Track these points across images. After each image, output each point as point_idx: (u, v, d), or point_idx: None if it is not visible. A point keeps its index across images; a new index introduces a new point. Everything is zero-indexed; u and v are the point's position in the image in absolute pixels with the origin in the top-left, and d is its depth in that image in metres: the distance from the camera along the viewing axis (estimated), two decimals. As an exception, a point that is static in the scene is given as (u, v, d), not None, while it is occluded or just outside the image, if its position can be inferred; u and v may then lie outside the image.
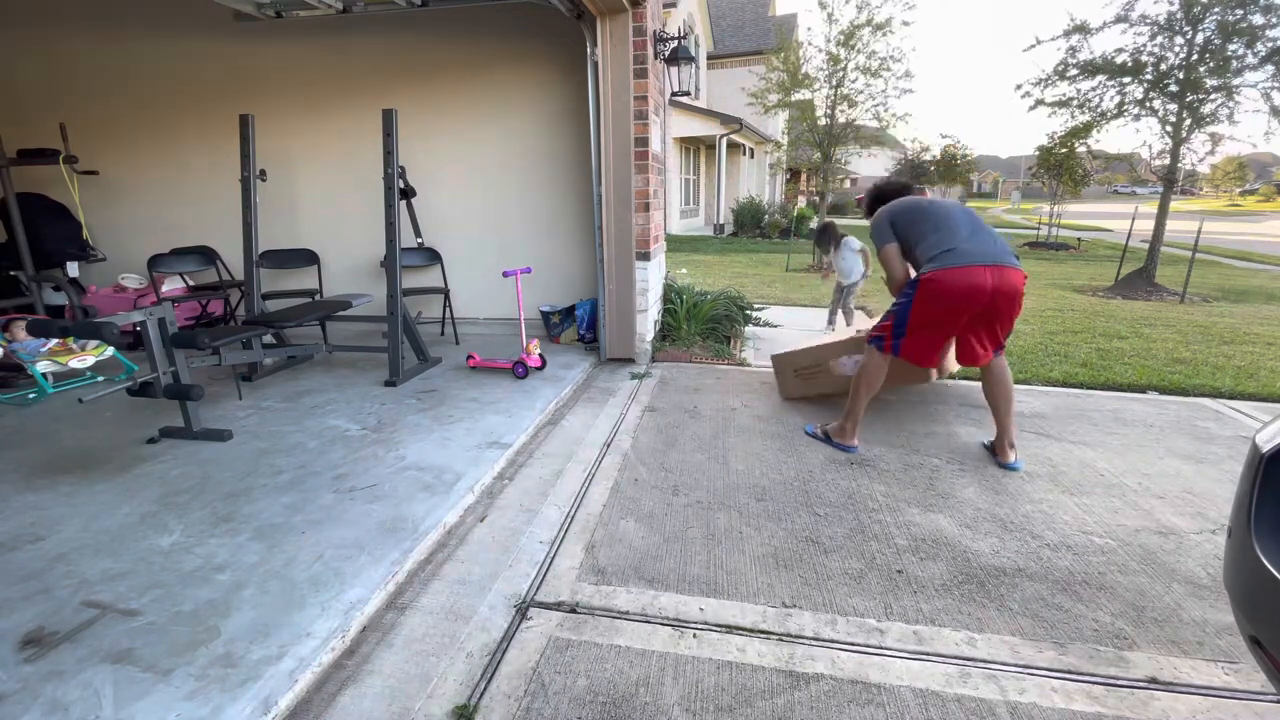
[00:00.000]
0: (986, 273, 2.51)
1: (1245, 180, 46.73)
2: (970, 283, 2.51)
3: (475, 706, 1.48)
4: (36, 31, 5.27)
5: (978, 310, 2.56)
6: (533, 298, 4.94)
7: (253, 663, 1.54)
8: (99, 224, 5.40)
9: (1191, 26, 7.69)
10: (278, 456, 2.75)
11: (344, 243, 5.28)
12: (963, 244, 2.59)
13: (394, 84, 4.89)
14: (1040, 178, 15.43)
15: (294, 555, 1.99)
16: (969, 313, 2.58)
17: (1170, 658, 1.64)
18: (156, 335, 2.81)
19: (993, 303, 2.54)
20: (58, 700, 1.42)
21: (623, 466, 2.78)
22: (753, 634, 1.72)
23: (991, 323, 2.64)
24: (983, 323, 2.64)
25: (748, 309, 5.65)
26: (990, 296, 2.52)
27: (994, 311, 2.58)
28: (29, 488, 2.47)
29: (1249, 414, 3.41)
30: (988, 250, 2.57)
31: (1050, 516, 2.33)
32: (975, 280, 2.51)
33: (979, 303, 2.54)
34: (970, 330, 2.68)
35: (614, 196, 4.08)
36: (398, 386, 3.74)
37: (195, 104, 5.22)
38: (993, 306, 2.56)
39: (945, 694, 1.51)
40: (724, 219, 18.44)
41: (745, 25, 22.47)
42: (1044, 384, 3.94)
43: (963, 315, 2.60)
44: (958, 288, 2.53)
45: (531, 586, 1.93)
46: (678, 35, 4.77)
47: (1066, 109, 8.92)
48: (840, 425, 2.97)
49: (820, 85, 12.14)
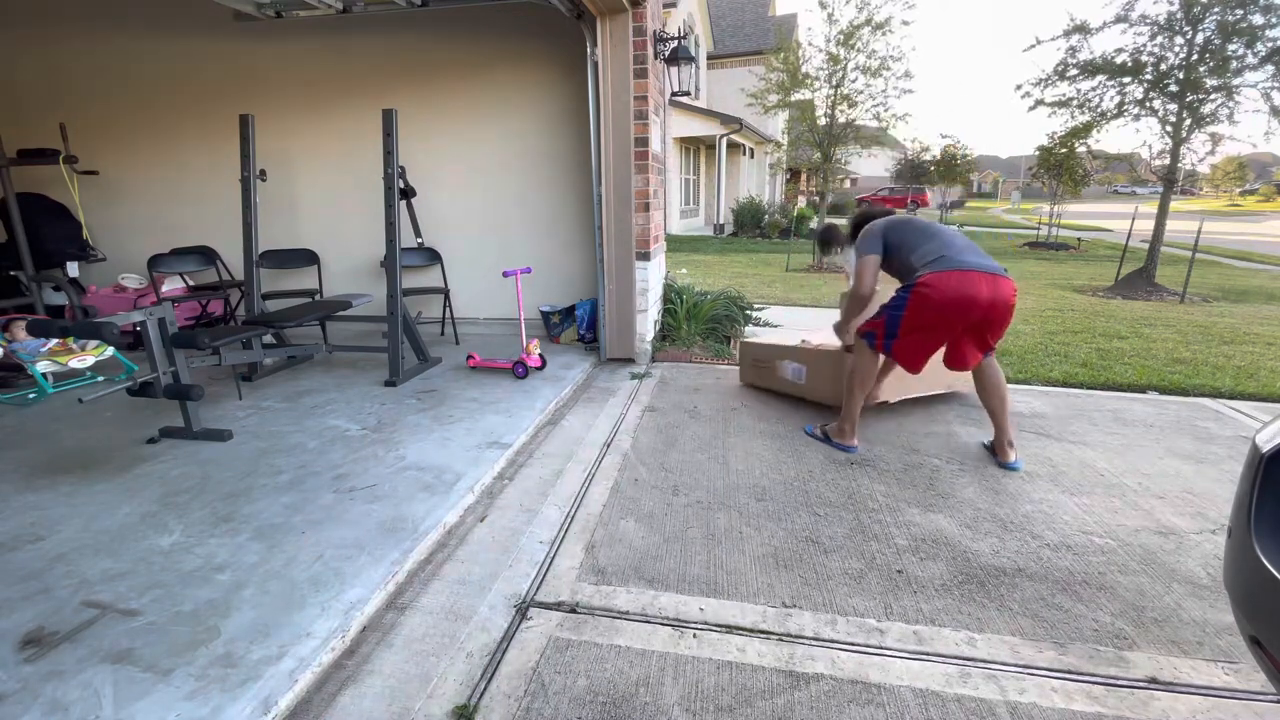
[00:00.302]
0: (983, 282, 2.53)
1: (1245, 180, 46.72)
2: (965, 292, 2.52)
3: (475, 706, 1.48)
4: (36, 31, 5.27)
5: (974, 320, 2.59)
6: (533, 298, 4.94)
7: (253, 663, 1.54)
8: (99, 224, 5.40)
9: (1191, 26, 7.69)
10: (278, 456, 2.75)
11: (344, 243, 5.28)
12: (958, 253, 2.63)
13: (394, 84, 4.89)
14: (1040, 178, 15.44)
15: (294, 555, 1.99)
16: (964, 322, 2.60)
17: (1170, 658, 1.64)
18: (156, 335, 2.81)
19: (988, 314, 2.56)
20: (58, 700, 1.42)
21: (623, 466, 2.78)
22: (753, 634, 1.72)
23: (983, 332, 2.66)
24: (975, 331, 2.66)
25: (748, 309, 5.65)
26: (986, 308, 2.54)
27: (988, 322, 2.61)
28: (29, 488, 2.47)
29: (1249, 414, 3.41)
30: (983, 260, 2.61)
31: (1050, 516, 2.33)
32: (971, 289, 2.52)
33: (975, 313, 2.55)
34: (962, 337, 2.69)
35: (614, 196, 4.08)
36: (398, 386, 3.74)
37: (195, 104, 5.22)
38: (988, 318, 2.58)
39: (945, 694, 1.51)
40: (724, 219, 18.44)
41: (745, 25, 22.48)
42: (1044, 384, 3.95)
43: (958, 324, 2.61)
44: (952, 294, 2.54)
45: (531, 586, 1.93)
46: (678, 35, 4.77)
47: (1066, 109, 8.93)
48: (839, 425, 2.97)
49: (820, 85, 12.15)
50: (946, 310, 2.56)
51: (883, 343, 2.77)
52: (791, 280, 9.06)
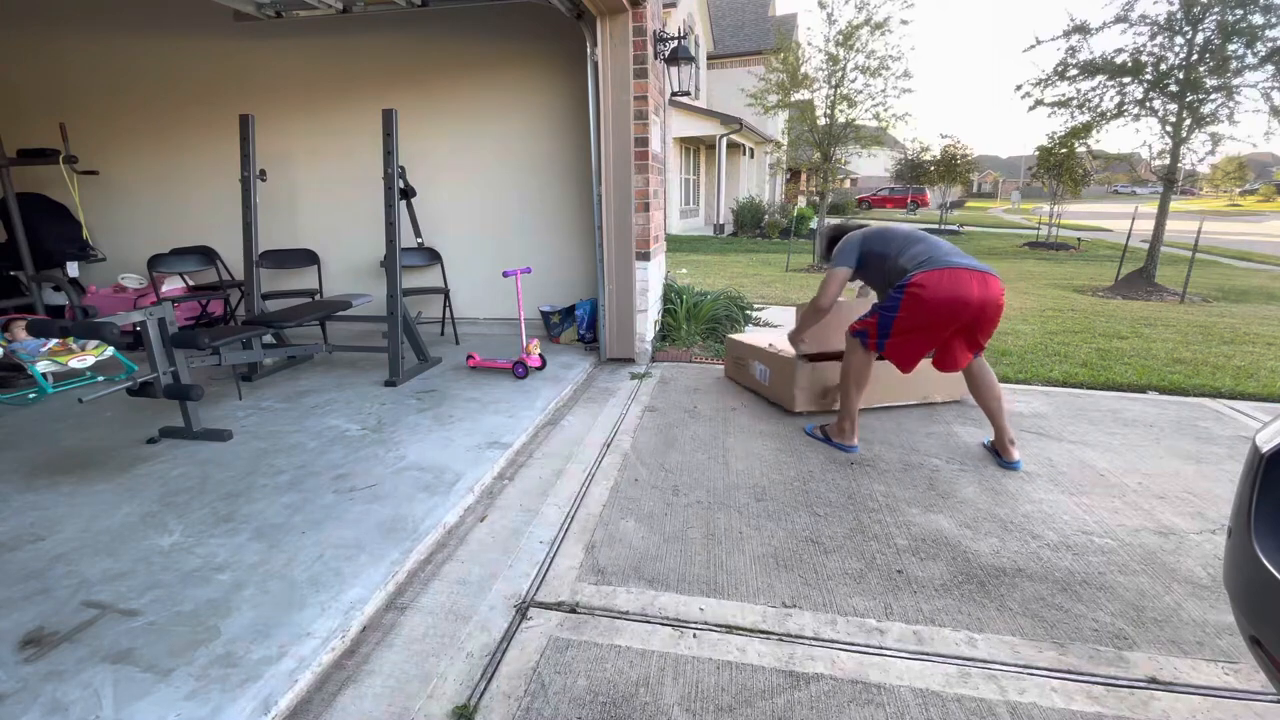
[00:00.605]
0: (974, 281, 2.56)
1: (1245, 180, 46.64)
2: (957, 292, 2.55)
3: (475, 707, 1.48)
4: (36, 31, 5.27)
5: (966, 320, 2.61)
6: (533, 298, 4.94)
7: (253, 663, 1.54)
8: (99, 224, 5.40)
9: (1191, 26, 7.69)
10: (278, 456, 2.75)
11: (344, 243, 5.28)
12: (946, 255, 2.65)
13: (394, 84, 4.90)
14: (1040, 178, 15.43)
15: (294, 555, 1.99)
16: (957, 322, 2.62)
17: (1170, 658, 1.64)
18: (156, 335, 2.81)
19: (979, 314, 2.59)
20: (58, 700, 1.42)
21: (623, 466, 2.78)
22: (753, 634, 1.72)
23: (974, 332, 2.68)
24: (966, 331, 2.68)
25: (747, 309, 5.66)
26: (978, 308, 2.57)
27: (980, 321, 2.63)
28: (29, 488, 2.47)
29: (1249, 414, 3.41)
30: (971, 261, 2.64)
31: (1050, 516, 2.33)
32: (963, 289, 2.55)
33: (967, 313, 2.58)
34: (953, 338, 2.71)
35: (614, 196, 4.08)
36: (398, 386, 3.74)
37: (195, 104, 5.22)
38: (979, 317, 2.61)
39: (945, 694, 1.51)
40: (724, 219, 18.44)
41: (745, 25, 22.48)
42: (1044, 384, 3.94)
43: (950, 324, 2.63)
44: (945, 293, 2.56)
45: (531, 586, 1.93)
46: (678, 35, 4.77)
47: (1066, 109, 8.92)
48: (838, 424, 2.98)
49: (820, 85, 12.14)
50: (940, 310, 2.58)
51: (875, 342, 2.79)
52: (791, 280, 9.06)
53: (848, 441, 2.93)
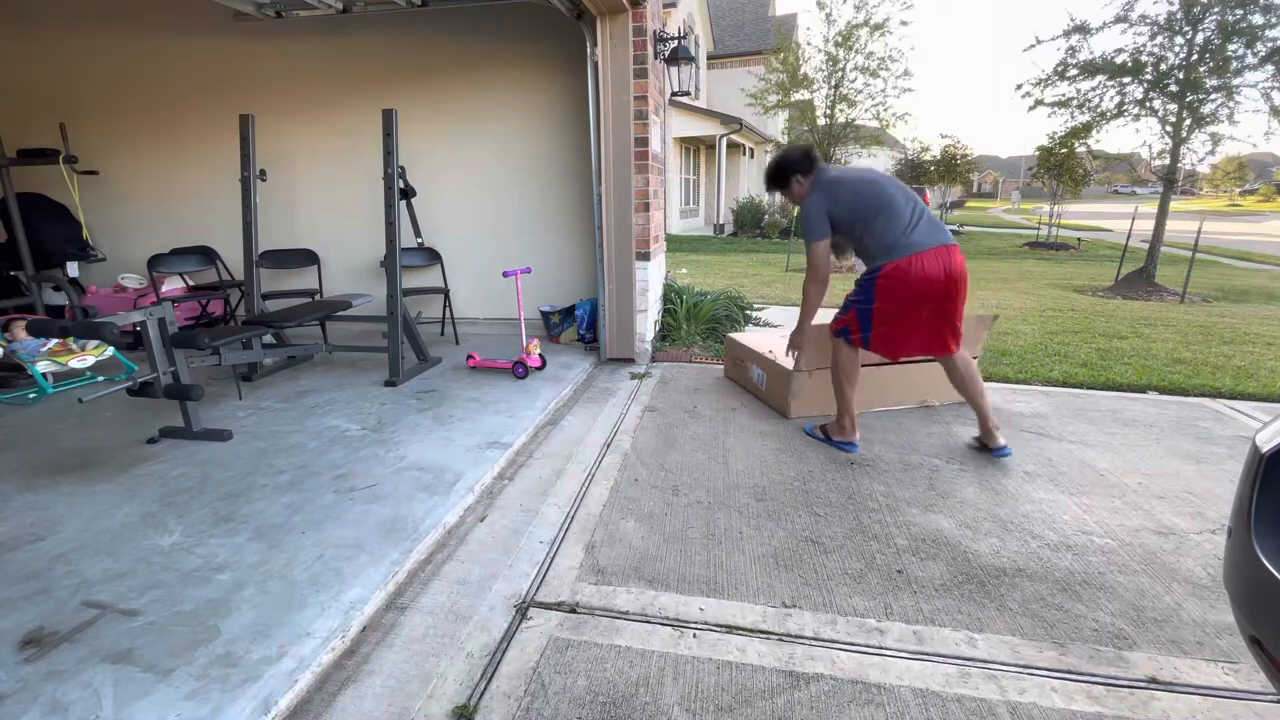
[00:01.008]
0: (936, 261, 2.62)
1: (1245, 180, 46.67)
2: (925, 274, 2.62)
3: (475, 707, 1.48)
4: (36, 31, 5.27)
5: (937, 296, 2.65)
6: (533, 298, 4.94)
7: (253, 663, 1.54)
8: (99, 224, 5.40)
9: (1191, 26, 7.69)
10: (278, 456, 2.75)
11: (344, 243, 5.28)
12: (908, 232, 2.65)
13: (394, 84, 4.89)
14: (1040, 178, 15.43)
15: (294, 555, 1.99)
16: (930, 301, 2.66)
17: (1170, 658, 1.64)
18: (156, 335, 2.81)
19: (946, 288, 2.65)
20: (58, 700, 1.42)
21: (623, 466, 2.78)
22: (753, 634, 1.72)
23: (946, 305, 2.69)
24: (939, 308, 2.70)
25: (747, 309, 5.66)
26: (944, 284, 2.63)
27: (949, 295, 2.67)
28: (29, 488, 2.47)
29: (1249, 414, 3.41)
30: (933, 234, 2.67)
31: (1050, 516, 2.33)
32: (929, 270, 2.62)
33: (936, 290, 2.64)
34: (932, 319, 2.72)
35: (614, 196, 4.08)
36: (398, 386, 3.74)
37: (195, 104, 5.22)
38: (947, 291, 2.65)
39: (945, 694, 1.51)
40: (724, 219, 18.44)
41: (745, 25, 22.48)
42: (1044, 384, 3.94)
43: (924, 303, 2.67)
44: (915, 279, 2.62)
45: (531, 586, 1.93)
46: (678, 35, 4.77)
47: (1066, 109, 8.93)
48: (837, 423, 2.98)
49: (819, 85, 12.15)
50: (911, 293, 2.65)
51: (860, 337, 2.80)
52: (792, 280, 9.05)
53: (848, 438, 2.93)
